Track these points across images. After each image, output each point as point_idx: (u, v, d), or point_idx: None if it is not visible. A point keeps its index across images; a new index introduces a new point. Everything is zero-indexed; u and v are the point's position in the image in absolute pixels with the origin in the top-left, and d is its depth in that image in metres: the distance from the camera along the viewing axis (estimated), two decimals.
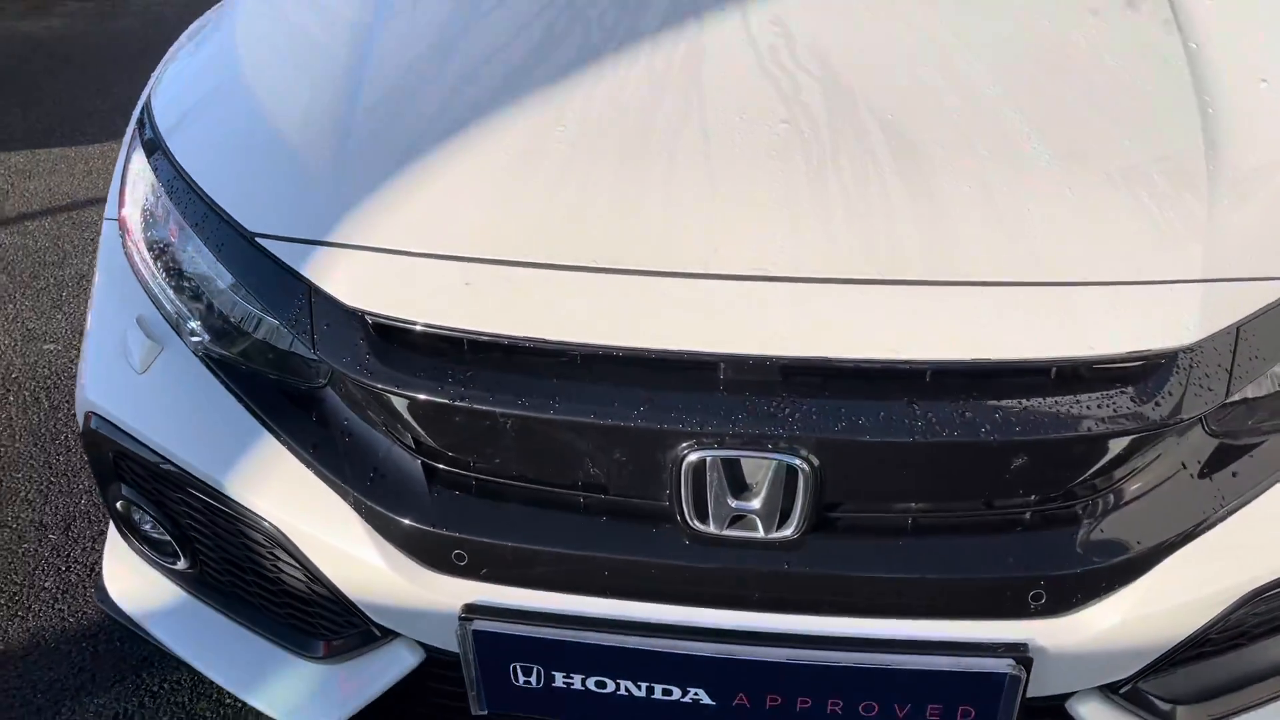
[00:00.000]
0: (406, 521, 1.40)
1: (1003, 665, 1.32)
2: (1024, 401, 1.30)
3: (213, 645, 1.70)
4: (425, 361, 1.37)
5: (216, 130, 1.72)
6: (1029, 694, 1.38)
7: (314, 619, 1.59)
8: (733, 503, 1.32)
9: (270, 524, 1.48)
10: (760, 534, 1.34)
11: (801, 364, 1.31)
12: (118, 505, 1.69)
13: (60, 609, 2.19)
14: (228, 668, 1.68)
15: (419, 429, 1.40)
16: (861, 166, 1.47)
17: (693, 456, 1.30)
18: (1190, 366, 1.32)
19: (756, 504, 1.32)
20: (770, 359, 1.30)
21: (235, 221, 1.54)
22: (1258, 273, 1.39)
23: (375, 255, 1.43)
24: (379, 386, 1.36)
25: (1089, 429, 1.29)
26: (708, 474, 1.31)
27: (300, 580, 1.54)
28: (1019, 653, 1.33)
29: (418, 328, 1.37)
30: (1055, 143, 1.51)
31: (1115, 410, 1.30)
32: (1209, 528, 1.36)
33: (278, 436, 1.48)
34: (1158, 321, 1.33)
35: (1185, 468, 1.39)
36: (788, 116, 1.55)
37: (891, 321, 1.32)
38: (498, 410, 1.33)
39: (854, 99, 1.58)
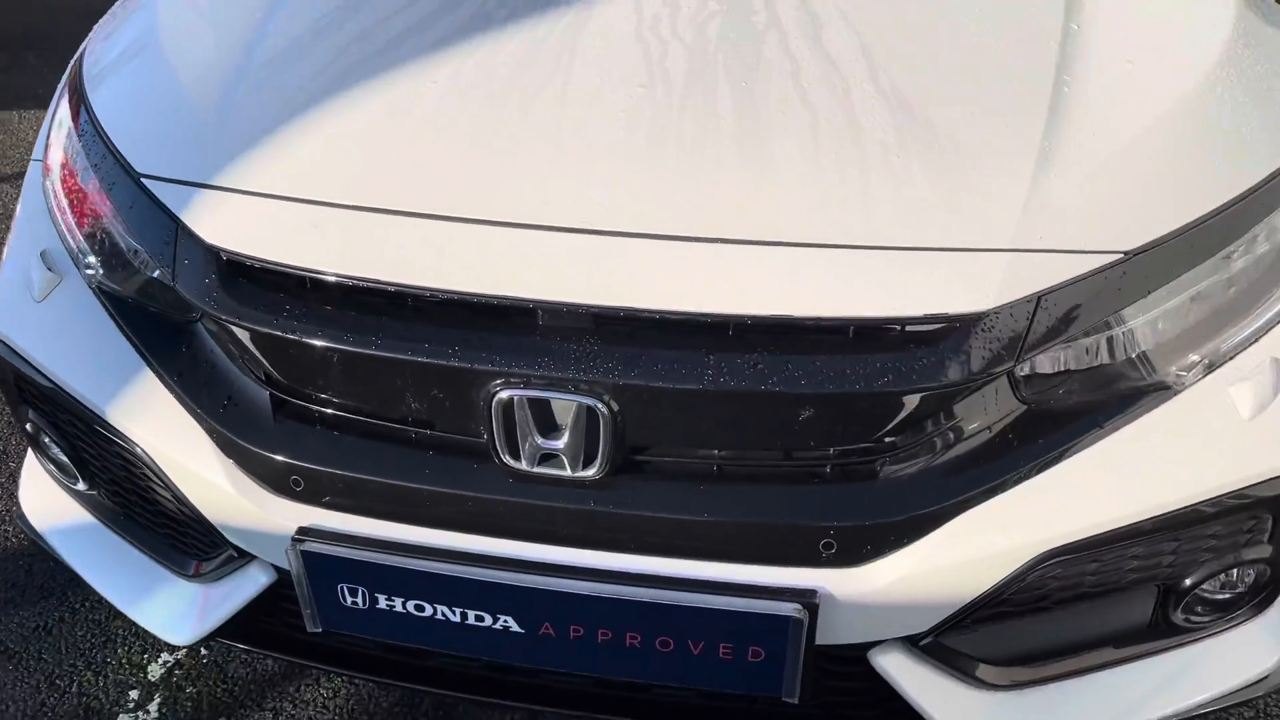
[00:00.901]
0: (250, 447, 1.49)
1: (788, 609, 1.38)
2: (819, 358, 1.36)
3: (106, 562, 1.82)
4: (268, 296, 1.46)
5: (130, 80, 1.84)
6: (823, 641, 1.44)
7: (186, 539, 1.70)
8: (540, 441, 1.40)
9: (142, 448, 1.59)
10: (568, 473, 1.41)
11: (610, 313, 1.38)
12: (28, 427, 1.82)
13: (5, 530, 2.33)
14: (117, 584, 1.79)
15: (264, 361, 1.50)
16: (702, 130, 1.53)
17: (502, 395, 1.38)
18: (982, 332, 1.36)
19: (562, 444, 1.39)
20: (581, 306, 1.38)
21: (127, 162, 1.64)
22: (1069, 245, 1.42)
23: (237, 196, 1.53)
24: (223, 317, 1.46)
25: (877, 387, 1.34)
26: (516, 413, 1.38)
27: (170, 501, 1.64)
28: (805, 598, 1.39)
29: (261, 265, 1.46)
30: (901, 114, 1.55)
31: (904, 370, 1.35)
32: (1004, 489, 1.41)
33: (151, 366, 1.59)
34: (956, 287, 1.38)
35: (990, 431, 1.43)
36: (646, 81, 1.61)
37: (701, 276, 1.39)
38: (325, 345, 1.42)
39: (715, 67, 1.64)
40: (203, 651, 2.05)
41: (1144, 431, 1.45)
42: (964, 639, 1.52)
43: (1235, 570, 1.59)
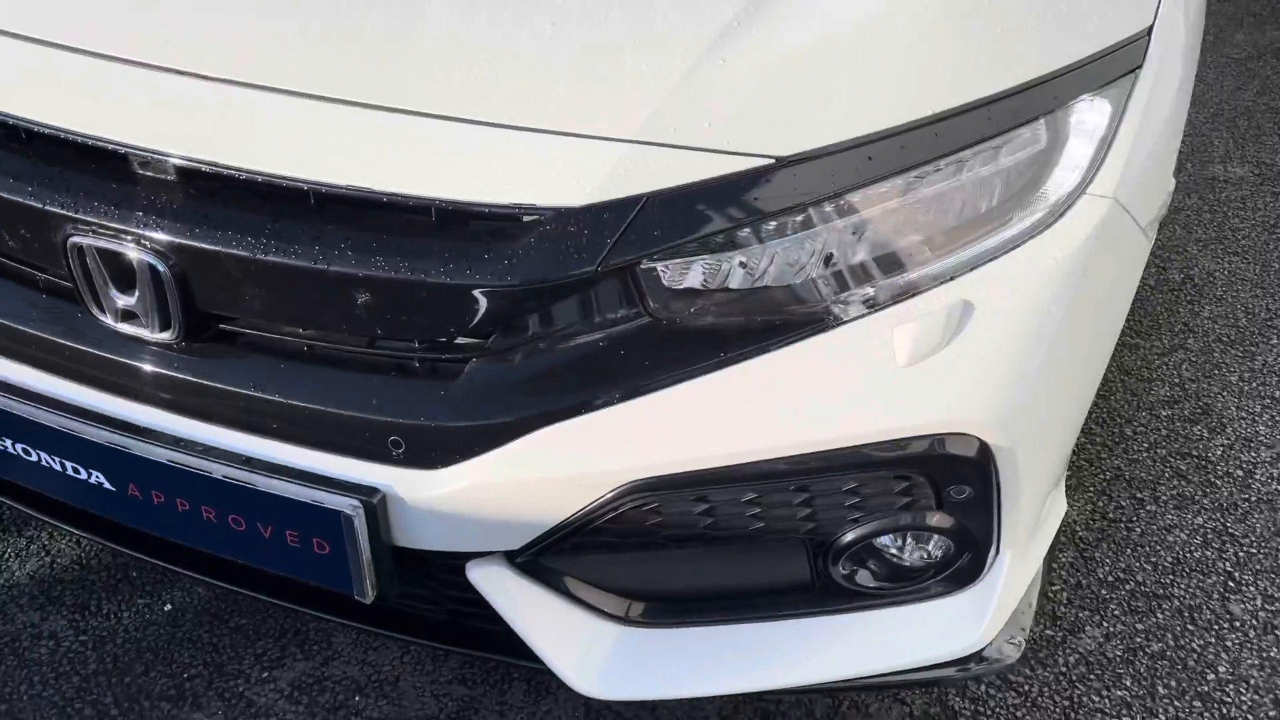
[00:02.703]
0: None
1: (343, 504, 1.29)
2: (383, 238, 1.24)
3: None
4: None
5: None
6: (408, 545, 1.35)
7: None
8: (116, 296, 1.33)
9: None
10: (146, 333, 1.34)
11: (188, 165, 1.28)
12: None
13: None
14: None
15: None
16: None
17: (75, 241, 1.31)
18: (565, 230, 1.21)
19: (133, 301, 1.32)
20: (155, 154, 1.28)
21: None
22: (708, 143, 1.25)
23: None
24: None
25: (430, 277, 1.22)
26: (89, 263, 1.32)
27: None
28: (365, 496, 1.29)
29: None
30: None
31: (468, 262, 1.22)
32: (600, 407, 1.27)
33: None
34: (554, 177, 1.23)
35: (602, 342, 1.29)
36: None
37: (287, 135, 1.27)
38: None
39: None
40: None
41: (778, 366, 1.28)
42: (579, 564, 1.40)
43: (917, 537, 1.41)
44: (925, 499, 1.34)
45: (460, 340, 1.29)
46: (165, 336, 1.33)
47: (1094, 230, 1.35)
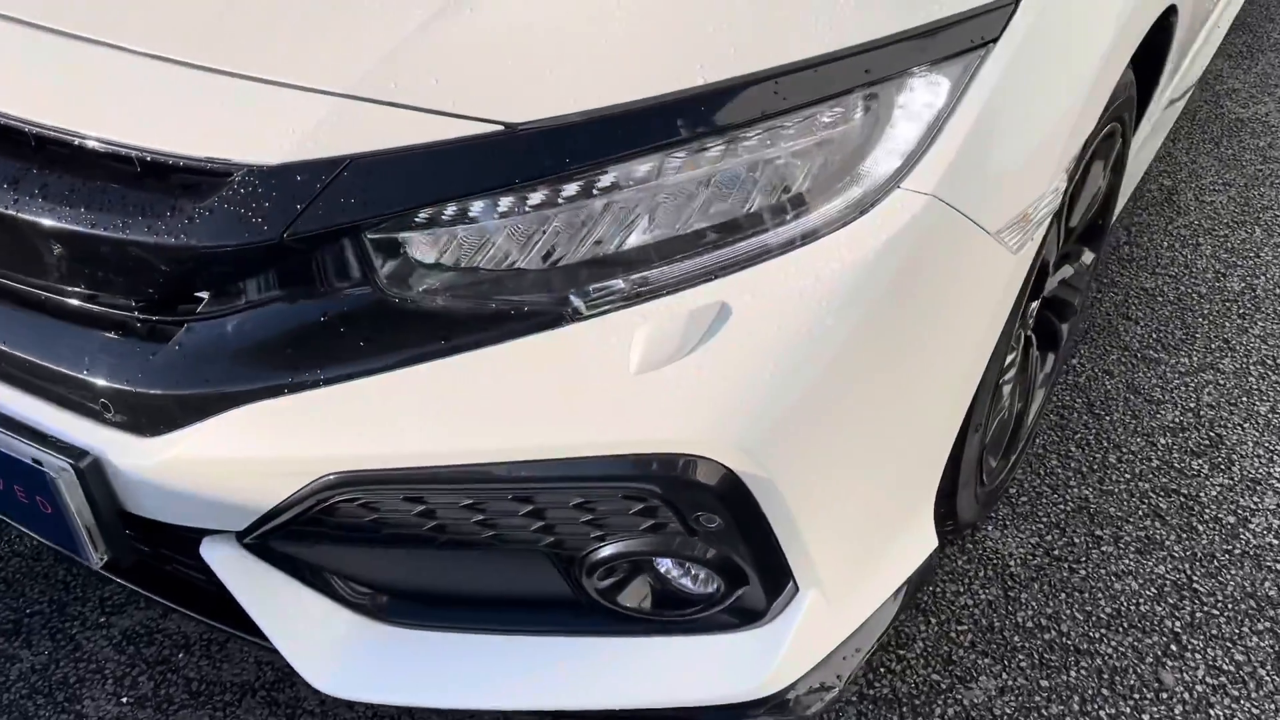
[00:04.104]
0: None
1: (54, 466, 1.22)
2: (84, 185, 1.16)
3: None
4: None
5: None
6: (139, 513, 1.27)
7: None
8: None
9: None
10: None
11: None
12: None
13: None
14: None
15: None
16: None
17: None
18: (255, 190, 1.10)
19: None
20: None
21: None
22: (430, 104, 1.11)
23: None
24: None
25: (118, 232, 1.13)
26: None
27: None
28: (74, 458, 1.22)
29: None
30: None
31: (155, 218, 1.13)
32: (303, 389, 1.15)
33: None
34: (255, 130, 1.12)
35: (323, 317, 1.17)
36: None
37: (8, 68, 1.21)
38: None
39: None
40: None
41: (502, 361, 1.14)
42: (313, 553, 1.30)
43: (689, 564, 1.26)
44: (671, 524, 1.17)
45: (164, 303, 1.19)
46: None
47: (902, 232, 1.14)
